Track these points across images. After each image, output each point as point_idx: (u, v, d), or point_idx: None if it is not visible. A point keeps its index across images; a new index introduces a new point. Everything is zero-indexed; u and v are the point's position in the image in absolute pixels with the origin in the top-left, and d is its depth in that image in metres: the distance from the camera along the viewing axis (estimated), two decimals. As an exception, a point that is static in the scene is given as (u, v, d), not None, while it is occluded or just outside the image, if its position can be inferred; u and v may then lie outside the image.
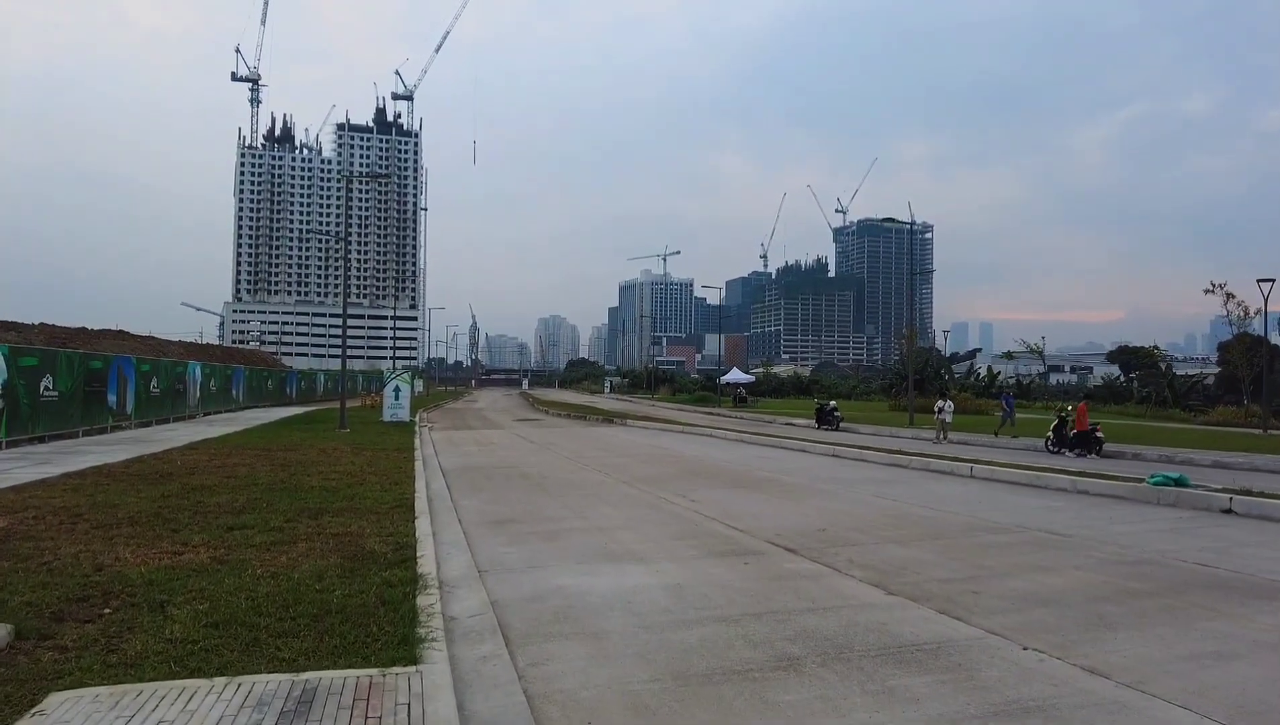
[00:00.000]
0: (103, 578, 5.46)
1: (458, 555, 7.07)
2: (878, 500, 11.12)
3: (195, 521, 7.80)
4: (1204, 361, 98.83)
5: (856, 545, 7.85)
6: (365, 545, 6.77)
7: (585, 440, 22.68)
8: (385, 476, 12.01)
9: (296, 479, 11.40)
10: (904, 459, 15.99)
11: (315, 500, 9.39)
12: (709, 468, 15.35)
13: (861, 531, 8.66)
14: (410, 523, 7.98)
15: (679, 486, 12.41)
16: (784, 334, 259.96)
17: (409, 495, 9.99)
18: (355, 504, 9.21)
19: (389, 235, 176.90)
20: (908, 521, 9.34)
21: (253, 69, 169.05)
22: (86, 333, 36.20)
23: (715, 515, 9.60)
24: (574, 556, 7.28)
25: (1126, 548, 7.76)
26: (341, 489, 10.47)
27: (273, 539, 6.97)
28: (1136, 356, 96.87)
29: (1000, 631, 5.01)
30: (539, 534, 8.43)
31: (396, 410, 28.63)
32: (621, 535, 8.31)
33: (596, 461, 16.45)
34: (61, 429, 18.21)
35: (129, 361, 22.53)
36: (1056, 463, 16.30)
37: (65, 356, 18.57)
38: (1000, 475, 13.53)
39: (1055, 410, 24.39)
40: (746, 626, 5.08)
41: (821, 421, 29.85)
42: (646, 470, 14.81)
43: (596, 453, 18.63)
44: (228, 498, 9.43)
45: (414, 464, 14.13)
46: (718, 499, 11.06)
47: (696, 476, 13.88)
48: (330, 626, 4.47)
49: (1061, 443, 20.62)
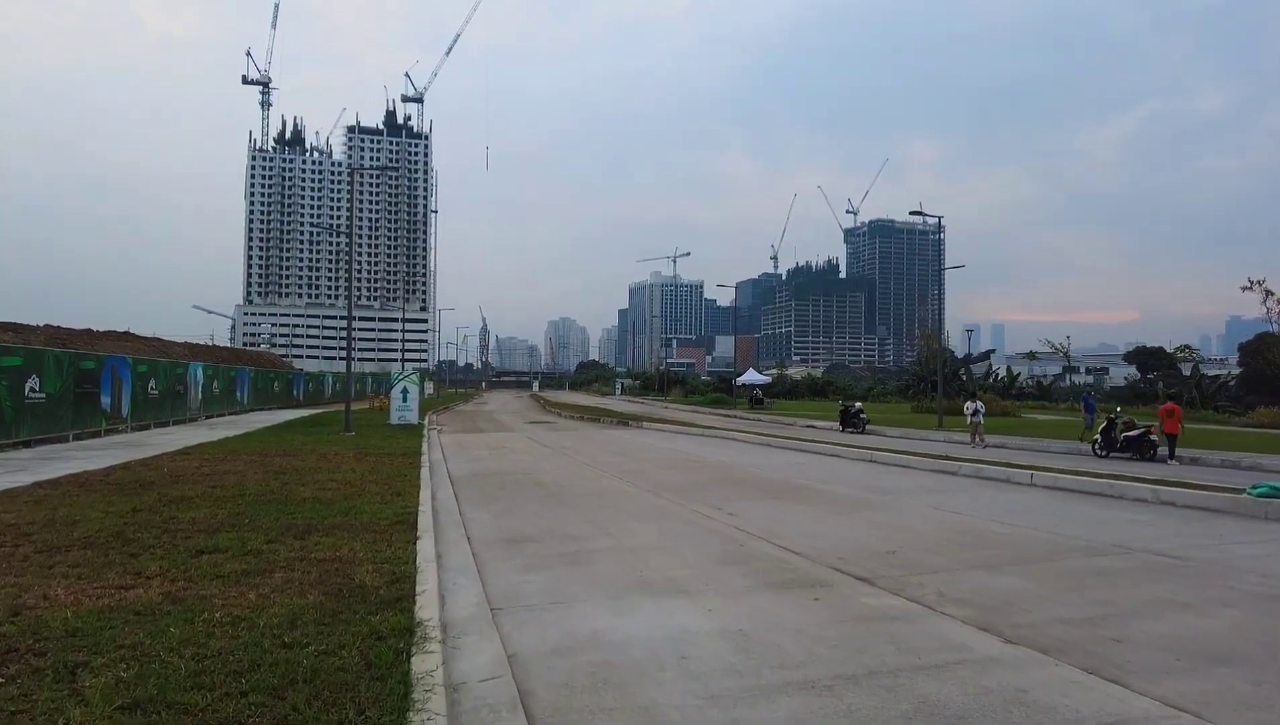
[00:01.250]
0: (14, 627, 4.30)
1: (466, 586, 5.89)
2: (939, 513, 9.86)
3: (160, 543, 6.65)
4: (1222, 362, 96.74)
5: (938, 573, 6.61)
6: (355, 576, 5.59)
7: (601, 444, 21.48)
8: (387, 485, 10.86)
9: (289, 489, 10.26)
10: (951, 465, 14.70)
11: (305, 515, 8.24)
12: (739, 475, 14.12)
13: (936, 553, 7.41)
14: (411, 544, 6.80)
15: (711, 497, 11.18)
16: (795, 335, 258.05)
17: (412, 508, 8.82)
18: (350, 520, 8.05)
19: (399, 237, 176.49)
20: (984, 541, 8.08)
21: (263, 72, 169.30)
22: (91, 334, 35.37)
23: (760, 533, 8.37)
24: (605, 587, 6.08)
25: (1270, 576, 6.48)
26: (337, 501, 9.32)
27: (246, 567, 5.80)
28: (1154, 357, 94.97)
29: (1188, 705, 3.76)
30: (561, 556, 7.23)
31: (404, 413, 27.53)
32: (657, 559, 7.10)
33: (616, 468, 15.25)
34: (50, 433, 17.18)
35: (124, 362, 21.52)
36: (1117, 468, 14.96)
37: (54, 356, 17.55)
38: (1066, 483, 12.21)
39: (1105, 412, 23.00)
40: (845, 696, 3.86)
41: (846, 424, 28.55)
42: (672, 478, 13.60)
43: (615, 458, 17.42)
44: (206, 512, 8.29)
45: (420, 471, 12.98)
46: (758, 512, 9.83)
47: (728, 485, 12.65)
48: (295, 707, 3.29)
49: (1110, 446, 19.28)
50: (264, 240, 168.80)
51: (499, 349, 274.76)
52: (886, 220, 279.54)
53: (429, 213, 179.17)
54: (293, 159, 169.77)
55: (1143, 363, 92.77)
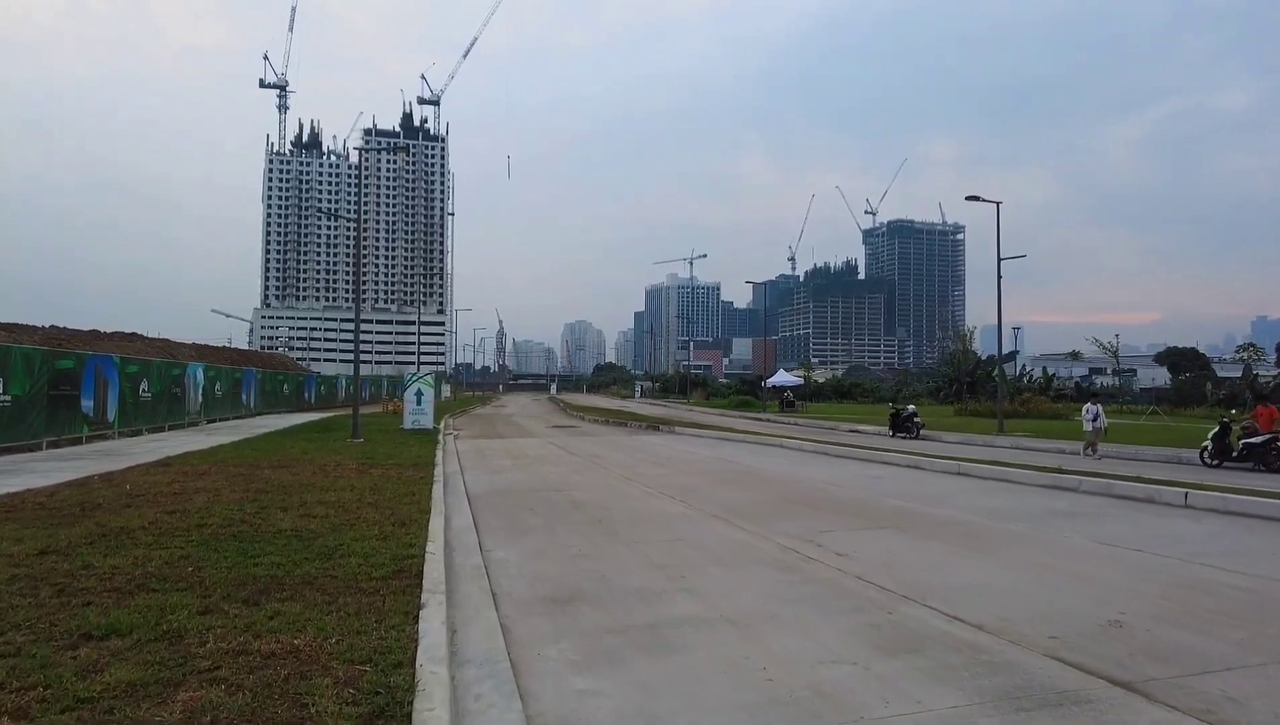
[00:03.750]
0: None
1: (495, 708, 3.59)
2: (1112, 551, 7.45)
3: (34, 619, 4.43)
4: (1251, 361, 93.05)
5: (1223, 667, 4.23)
6: (311, 698, 3.32)
7: (635, 452, 19.17)
8: (390, 510, 8.62)
9: (265, 516, 8.05)
10: (1067, 479, 12.23)
11: (273, 559, 6.01)
12: (812, 493, 11.75)
13: (1179, 623, 5.04)
14: (410, 621, 4.52)
15: (794, 524, 8.85)
16: (813, 337, 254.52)
17: (418, 547, 6.57)
18: (332, 568, 5.80)
19: (416, 240, 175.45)
20: (1222, 597, 5.69)
21: (280, 76, 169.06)
22: (97, 335, 33.75)
23: (898, 586, 6.02)
24: (724, 709, 3.75)
25: None
26: (322, 534, 7.09)
27: (137, 677, 3.54)
28: (1186, 357, 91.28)
29: None
30: (632, 634, 4.91)
31: (418, 417, 25.38)
32: (779, 641, 4.76)
33: (662, 482, 12.93)
34: (16, 441, 15.16)
35: (110, 361, 19.51)
36: (1271, 482, 12.40)
37: (21, 353, 15.52)
38: (1243, 506, 9.72)
39: (1218, 417, 20.36)
40: None
41: (897, 429, 26.10)
42: (734, 497, 11.26)
43: (656, 469, 15.11)
44: (139, 554, 6.08)
45: (432, 488, 10.74)
46: (870, 549, 7.48)
47: (806, 507, 10.30)
48: None
49: (1222, 454, 16.70)
50: (281, 243, 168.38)
51: (515, 352, 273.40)
52: (906, 220, 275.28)
53: (445, 216, 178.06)
54: (309, 162, 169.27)
55: (1174, 364, 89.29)
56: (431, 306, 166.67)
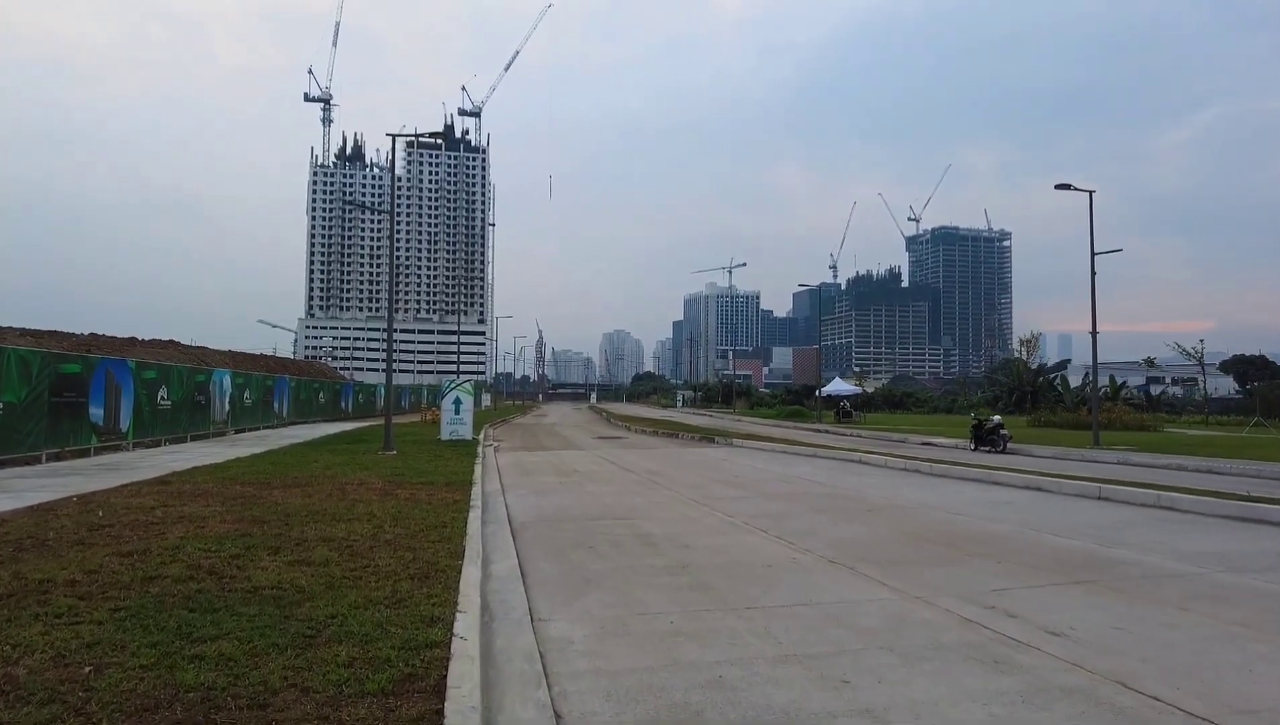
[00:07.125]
0: None
1: None
2: None
3: None
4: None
5: None
6: None
7: (697, 468, 16.90)
8: (411, 551, 6.54)
9: (245, 561, 6.04)
10: (1256, 509, 9.62)
11: (221, 652, 3.95)
12: (941, 527, 9.37)
13: None
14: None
15: (948, 577, 6.52)
16: (855, 346, 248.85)
17: (442, 623, 4.45)
18: (305, 670, 3.70)
19: (457, 251, 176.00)
20: None
21: (324, 89, 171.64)
22: (136, 342, 33.00)
23: (1198, 706, 3.69)
24: None
25: None
26: (311, 596, 5.03)
27: None
28: (1253, 365, 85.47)
29: None
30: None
31: (457, 427, 23.52)
32: None
33: (744, 509, 10.66)
34: (12, 453, 13.58)
35: (124, 365, 17.98)
36: None
37: (17, 356, 13.94)
38: None
39: None
40: None
41: (980, 442, 23.38)
42: (842, 532, 8.94)
43: (729, 490, 12.84)
44: (29, 636, 4.07)
45: (467, 516, 8.65)
46: (1090, 624, 5.12)
47: (944, 547, 7.93)
48: None
49: None
50: (325, 254, 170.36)
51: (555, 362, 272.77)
52: (950, 227, 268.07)
53: (486, 226, 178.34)
54: (353, 174, 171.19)
55: (1240, 372, 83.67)
56: (472, 316, 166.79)
